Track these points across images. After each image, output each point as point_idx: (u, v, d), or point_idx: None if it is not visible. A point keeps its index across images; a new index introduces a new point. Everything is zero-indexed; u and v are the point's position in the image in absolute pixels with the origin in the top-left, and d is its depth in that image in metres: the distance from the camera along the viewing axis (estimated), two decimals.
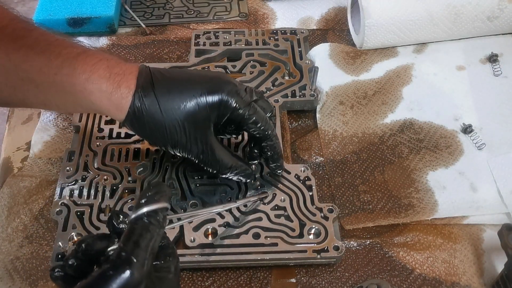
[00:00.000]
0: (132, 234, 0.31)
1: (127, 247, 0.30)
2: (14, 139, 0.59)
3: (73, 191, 0.51)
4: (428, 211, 0.51)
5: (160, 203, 0.33)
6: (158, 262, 0.34)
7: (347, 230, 0.51)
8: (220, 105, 0.45)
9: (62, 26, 0.68)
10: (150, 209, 0.32)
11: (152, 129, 0.45)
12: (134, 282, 0.29)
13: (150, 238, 0.31)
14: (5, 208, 0.52)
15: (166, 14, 0.74)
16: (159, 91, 0.44)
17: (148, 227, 0.32)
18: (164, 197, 0.33)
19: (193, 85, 0.45)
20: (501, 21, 0.65)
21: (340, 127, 0.59)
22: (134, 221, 0.32)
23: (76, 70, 0.43)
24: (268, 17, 0.74)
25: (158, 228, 0.32)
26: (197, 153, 0.46)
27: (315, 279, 0.48)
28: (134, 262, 0.30)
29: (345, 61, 0.65)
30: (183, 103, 0.44)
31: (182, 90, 0.45)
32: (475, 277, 0.48)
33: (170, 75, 0.46)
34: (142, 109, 0.44)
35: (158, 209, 0.33)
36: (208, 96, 0.45)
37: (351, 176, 0.55)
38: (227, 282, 0.47)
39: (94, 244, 0.33)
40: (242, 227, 0.48)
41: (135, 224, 0.32)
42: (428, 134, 0.58)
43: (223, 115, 0.46)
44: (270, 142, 0.48)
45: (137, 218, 0.32)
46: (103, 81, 0.44)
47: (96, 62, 0.44)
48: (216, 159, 0.47)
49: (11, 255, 0.49)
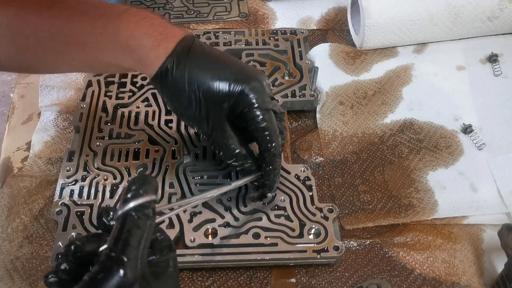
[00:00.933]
0: (121, 231, 0.30)
1: (117, 246, 0.29)
2: (14, 139, 0.60)
3: (73, 191, 0.51)
4: (428, 211, 0.51)
5: (147, 195, 0.31)
6: (154, 257, 0.32)
7: (347, 230, 0.51)
8: (240, 95, 0.45)
9: None
10: (137, 203, 0.31)
11: (172, 95, 0.46)
12: (128, 282, 0.28)
13: (140, 234, 0.30)
14: (5, 208, 0.52)
15: (166, 14, 0.74)
16: (191, 62, 0.45)
17: (137, 222, 0.30)
18: (150, 189, 0.32)
19: (224, 68, 0.46)
20: (501, 21, 0.65)
21: (340, 127, 0.59)
22: (121, 218, 0.30)
23: (120, 28, 0.44)
24: (268, 17, 0.74)
25: (148, 222, 0.31)
26: (207, 131, 0.47)
27: (315, 279, 0.48)
28: (125, 262, 0.28)
29: (345, 61, 0.65)
30: (207, 80, 0.45)
31: (212, 68, 0.45)
32: (475, 277, 0.48)
33: (208, 51, 0.46)
34: (169, 73, 0.44)
35: (146, 202, 0.31)
36: (232, 83, 0.45)
37: (351, 176, 0.55)
38: (227, 282, 0.47)
39: (84, 246, 0.32)
40: (242, 227, 0.48)
41: (123, 221, 0.30)
42: (428, 134, 0.58)
43: (239, 106, 0.46)
44: (270, 158, 0.47)
45: (125, 214, 0.30)
46: (145, 37, 0.44)
47: (139, 19, 0.44)
48: (224, 143, 0.47)
49: (11, 255, 0.49)
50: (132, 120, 0.57)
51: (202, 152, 0.54)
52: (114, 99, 0.59)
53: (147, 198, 0.31)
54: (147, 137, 0.55)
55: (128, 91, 0.60)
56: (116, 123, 0.57)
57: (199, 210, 0.49)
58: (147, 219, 0.31)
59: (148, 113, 0.58)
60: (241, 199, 0.50)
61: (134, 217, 0.30)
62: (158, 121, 0.57)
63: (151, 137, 0.56)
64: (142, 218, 0.31)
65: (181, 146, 0.55)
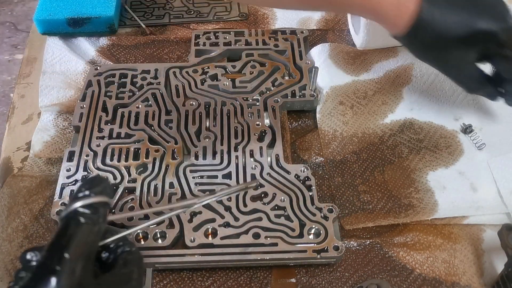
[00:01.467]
0: (60, 236, 0.28)
1: (52, 254, 0.27)
2: (14, 139, 0.60)
3: (73, 191, 0.51)
4: (428, 211, 0.51)
5: (96, 197, 0.29)
6: (116, 270, 0.30)
7: (347, 230, 0.51)
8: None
9: (62, 26, 0.68)
10: (83, 203, 0.28)
11: (431, 43, 0.48)
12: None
13: (81, 239, 0.28)
14: (5, 208, 0.52)
15: (166, 14, 0.74)
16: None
17: (81, 226, 0.28)
18: (100, 191, 0.29)
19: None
20: None
21: (340, 127, 0.59)
22: (65, 220, 0.28)
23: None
24: (268, 17, 0.74)
25: (95, 227, 0.28)
26: (455, 75, 0.52)
27: (315, 279, 0.48)
28: (58, 271, 0.26)
29: (345, 61, 0.65)
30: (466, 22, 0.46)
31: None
32: (475, 277, 0.48)
33: None
34: (427, 19, 0.46)
35: (94, 203, 0.29)
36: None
37: (351, 176, 0.55)
38: (227, 282, 0.48)
39: (38, 254, 0.30)
40: (242, 227, 0.48)
41: (66, 223, 0.28)
42: (428, 134, 0.58)
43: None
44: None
45: (68, 216, 0.28)
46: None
47: None
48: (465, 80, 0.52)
49: (11, 255, 0.49)
50: (132, 120, 0.57)
51: (202, 152, 0.54)
52: (114, 99, 0.59)
53: (94, 200, 0.29)
54: (147, 137, 0.55)
55: (128, 91, 0.60)
56: (116, 123, 0.57)
57: (199, 210, 0.49)
58: (93, 224, 0.28)
59: (148, 113, 0.58)
60: (241, 199, 0.50)
61: (78, 220, 0.28)
62: (158, 121, 0.57)
63: (151, 137, 0.56)
64: (88, 222, 0.28)
65: (181, 146, 0.55)
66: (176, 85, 0.61)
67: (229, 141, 0.55)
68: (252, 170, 0.53)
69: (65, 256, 0.27)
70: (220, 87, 0.61)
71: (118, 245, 0.32)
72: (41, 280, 0.26)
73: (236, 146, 0.55)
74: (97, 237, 0.29)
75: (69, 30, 0.68)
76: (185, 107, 0.58)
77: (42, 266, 0.27)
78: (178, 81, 0.61)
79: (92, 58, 0.67)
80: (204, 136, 0.56)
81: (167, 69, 0.63)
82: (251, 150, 0.54)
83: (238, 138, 0.55)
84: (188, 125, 0.57)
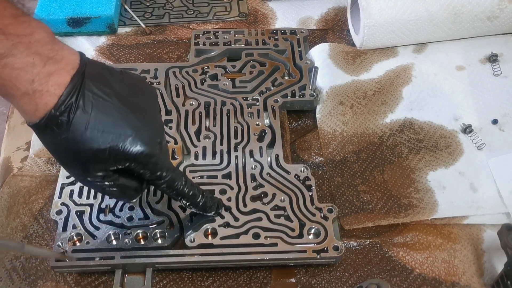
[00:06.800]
0: None
1: None
2: (14, 139, 0.59)
3: (73, 191, 0.51)
4: (428, 211, 0.51)
5: None
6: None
7: (346, 230, 0.51)
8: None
9: (61, 26, 0.68)
10: None
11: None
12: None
13: None
14: (5, 208, 0.52)
15: (166, 14, 0.74)
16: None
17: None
18: None
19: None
20: (501, 21, 0.65)
21: (340, 127, 0.59)
22: None
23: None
24: (268, 17, 0.74)
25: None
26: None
27: (315, 279, 0.48)
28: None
29: (345, 61, 0.65)
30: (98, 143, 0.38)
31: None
32: (475, 277, 0.48)
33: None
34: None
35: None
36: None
37: (350, 176, 0.55)
38: (227, 282, 0.47)
39: None
40: (242, 227, 0.48)
41: None
42: (428, 134, 0.58)
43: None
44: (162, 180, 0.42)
45: None
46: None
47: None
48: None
49: (11, 255, 0.49)
50: None
51: (202, 152, 0.54)
52: None
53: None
54: None
55: None
56: None
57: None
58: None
59: None
60: (241, 199, 0.50)
61: None
62: None
63: None
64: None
65: (181, 146, 0.55)
66: (176, 85, 0.61)
67: (229, 141, 0.55)
68: (252, 170, 0.53)
69: None
70: (220, 87, 0.61)
71: None
72: None
73: (236, 146, 0.55)
74: None
75: (69, 29, 0.68)
76: (185, 107, 0.58)
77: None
78: (178, 81, 0.61)
79: (92, 57, 0.67)
80: (204, 136, 0.56)
81: (167, 69, 0.62)
82: (251, 150, 0.54)
83: (238, 138, 0.55)
84: (188, 125, 0.57)
